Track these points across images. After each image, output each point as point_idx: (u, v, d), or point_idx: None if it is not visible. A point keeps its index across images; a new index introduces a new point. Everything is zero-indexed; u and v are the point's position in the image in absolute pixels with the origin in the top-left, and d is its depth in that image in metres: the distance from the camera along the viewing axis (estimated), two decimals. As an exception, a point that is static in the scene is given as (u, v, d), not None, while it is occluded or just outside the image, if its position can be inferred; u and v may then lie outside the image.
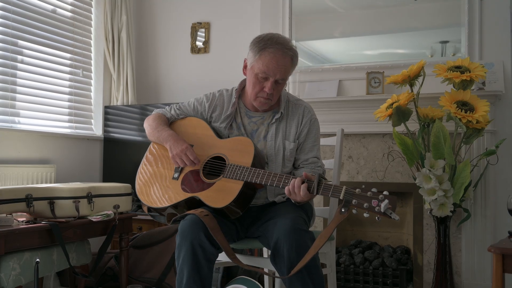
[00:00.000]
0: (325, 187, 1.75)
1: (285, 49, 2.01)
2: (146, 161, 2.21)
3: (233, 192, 1.90)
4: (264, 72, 2.00)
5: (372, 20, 3.50)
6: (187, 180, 2.04)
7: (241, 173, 1.91)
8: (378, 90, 3.30)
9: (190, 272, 1.83)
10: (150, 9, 4.28)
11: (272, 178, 1.87)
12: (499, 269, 1.85)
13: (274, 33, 2.08)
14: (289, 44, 2.05)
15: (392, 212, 1.61)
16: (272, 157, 2.10)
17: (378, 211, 1.61)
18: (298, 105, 2.18)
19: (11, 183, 2.99)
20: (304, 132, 2.14)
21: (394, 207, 1.62)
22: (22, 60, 3.31)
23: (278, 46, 2.00)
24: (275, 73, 2.00)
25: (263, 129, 2.14)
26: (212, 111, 2.20)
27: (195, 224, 1.85)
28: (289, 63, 2.03)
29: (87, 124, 3.89)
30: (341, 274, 3.24)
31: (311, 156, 2.12)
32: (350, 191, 1.68)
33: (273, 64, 1.99)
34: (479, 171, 3.00)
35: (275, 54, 1.99)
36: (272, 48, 2.00)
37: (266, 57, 1.99)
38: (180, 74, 4.13)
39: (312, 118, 2.17)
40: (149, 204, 2.07)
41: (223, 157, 2.04)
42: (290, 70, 2.05)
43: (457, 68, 2.77)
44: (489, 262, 3.00)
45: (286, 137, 2.12)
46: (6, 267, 2.19)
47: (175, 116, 2.25)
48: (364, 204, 1.65)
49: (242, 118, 2.16)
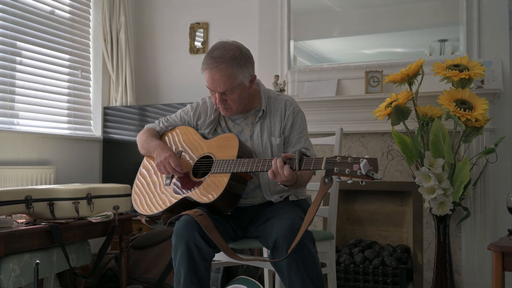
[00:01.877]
0: (306, 161, 1.76)
1: (215, 63, 2.00)
2: (139, 175, 2.26)
3: (221, 185, 1.93)
4: (209, 88, 2.07)
5: (371, 19, 3.50)
6: (179, 183, 2.08)
7: (228, 165, 1.94)
8: (377, 89, 3.30)
9: (187, 272, 1.84)
10: (148, 10, 4.28)
11: (257, 164, 1.88)
12: (499, 267, 1.85)
13: (216, 44, 2.08)
14: (223, 53, 2.01)
15: (374, 173, 1.62)
16: (260, 155, 2.11)
17: (360, 174, 1.62)
18: (279, 99, 2.18)
19: (10, 184, 2.99)
20: (288, 125, 2.14)
21: (376, 168, 1.63)
22: (20, 61, 3.31)
23: (210, 61, 2.02)
24: (215, 88, 2.04)
25: (248, 129, 2.16)
26: (197, 119, 2.24)
27: (189, 224, 1.86)
28: (226, 73, 2.00)
29: (86, 125, 3.89)
30: (341, 273, 3.25)
31: (298, 148, 2.10)
32: (331, 160, 1.69)
33: (210, 81, 2.04)
34: (478, 169, 3.00)
35: (209, 71, 2.02)
36: (205, 64, 2.04)
37: (205, 76, 2.05)
38: (179, 75, 4.13)
39: (295, 110, 2.16)
40: (145, 212, 2.10)
41: (211, 155, 2.08)
42: (233, 78, 2.01)
43: (455, 67, 2.78)
44: (489, 261, 3.00)
45: (271, 133, 2.13)
46: (6, 269, 2.19)
47: (164, 129, 2.30)
48: (345, 170, 1.65)
49: (226, 121, 2.20)
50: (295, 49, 3.63)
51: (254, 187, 2.10)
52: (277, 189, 2.09)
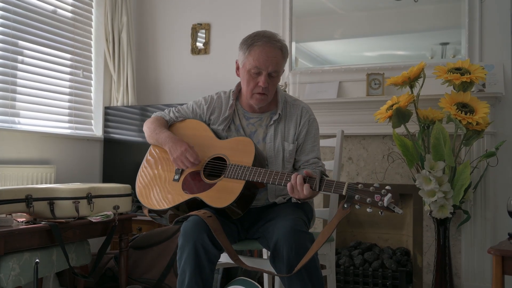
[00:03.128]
0: (327, 183, 1.74)
1: (273, 41, 2.02)
2: (146, 164, 2.20)
3: (234, 192, 1.90)
4: (256, 67, 2.01)
5: (372, 21, 3.50)
6: (188, 182, 2.03)
7: (242, 172, 1.91)
8: (378, 92, 3.30)
9: (192, 273, 1.82)
10: (150, 10, 4.28)
11: (274, 176, 1.86)
12: (498, 271, 1.84)
13: (260, 30, 2.09)
14: (276, 37, 2.06)
15: (395, 206, 1.62)
16: (271, 158, 2.09)
17: (381, 206, 1.62)
18: (295, 105, 2.17)
19: (11, 183, 2.99)
20: (303, 132, 2.13)
21: (397, 201, 1.63)
22: (22, 60, 3.31)
23: (266, 39, 2.02)
24: (267, 66, 2.00)
25: (261, 131, 2.13)
26: (211, 114, 2.19)
27: (198, 225, 1.84)
28: (279, 54, 2.03)
29: (87, 124, 3.89)
30: (340, 275, 3.24)
31: (312, 157, 2.11)
32: (353, 186, 1.68)
33: (263, 57, 1.99)
34: (479, 173, 3.00)
35: (264, 47, 2.00)
36: (260, 41, 2.01)
37: (255, 52, 2.00)
38: (181, 75, 4.13)
39: (310, 119, 2.15)
40: (150, 206, 2.06)
41: (224, 157, 2.03)
42: (282, 62, 2.05)
43: (457, 70, 2.78)
44: (489, 264, 3.00)
45: (285, 138, 2.11)
46: (5, 268, 2.19)
47: (173, 119, 2.24)
48: (367, 199, 1.65)
49: (240, 119, 2.16)
50: (296, 51, 3.63)
51: (260, 190, 2.08)
52: (283, 192, 2.08)
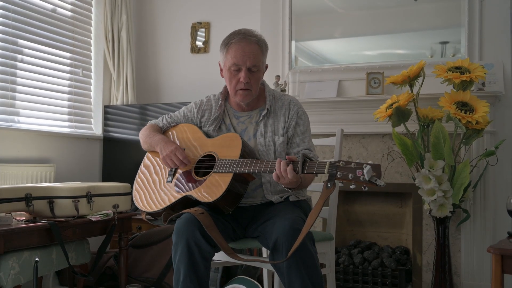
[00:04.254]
0: (309, 165, 1.76)
1: (248, 37, 2.06)
2: (142, 170, 2.26)
3: (223, 185, 1.93)
4: (235, 64, 2.05)
5: (372, 20, 3.50)
6: (180, 181, 2.08)
7: (230, 165, 1.95)
8: (377, 91, 3.30)
9: (186, 271, 1.83)
10: (150, 9, 4.28)
11: (259, 165, 1.89)
12: (498, 270, 1.85)
13: (237, 29, 2.12)
14: (252, 32, 2.10)
15: (377, 179, 1.62)
16: (263, 153, 2.12)
17: (364, 180, 1.62)
18: (283, 99, 2.20)
19: (10, 182, 2.99)
20: (292, 125, 2.15)
21: (379, 174, 1.63)
22: (22, 59, 3.31)
23: (241, 35, 2.06)
24: (244, 61, 2.04)
25: (251, 127, 2.17)
26: (201, 116, 2.24)
27: (190, 222, 1.86)
28: (256, 48, 2.06)
29: (86, 123, 3.89)
30: (340, 274, 3.24)
31: (302, 148, 2.12)
32: (334, 164, 1.69)
33: (240, 53, 2.04)
34: (478, 171, 3.00)
35: (239, 43, 2.04)
36: (236, 38, 2.06)
37: (232, 49, 2.05)
38: (180, 74, 4.13)
39: (299, 111, 2.18)
40: (145, 209, 2.11)
41: (213, 154, 2.08)
42: (260, 56, 2.08)
43: (457, 69, 2.78)
44: (488, 263, 3.00)
45: (275, 132, 2.14)
46: (5, 266, 2.19)
47: (166, 125, 2.30)
48: (349, 175, 1.65)
49: (230, 119, 2.20)
50: (296, 50, 3.63)
51: (255, 187, 2.10)
52: (278, 188, 2.09)
